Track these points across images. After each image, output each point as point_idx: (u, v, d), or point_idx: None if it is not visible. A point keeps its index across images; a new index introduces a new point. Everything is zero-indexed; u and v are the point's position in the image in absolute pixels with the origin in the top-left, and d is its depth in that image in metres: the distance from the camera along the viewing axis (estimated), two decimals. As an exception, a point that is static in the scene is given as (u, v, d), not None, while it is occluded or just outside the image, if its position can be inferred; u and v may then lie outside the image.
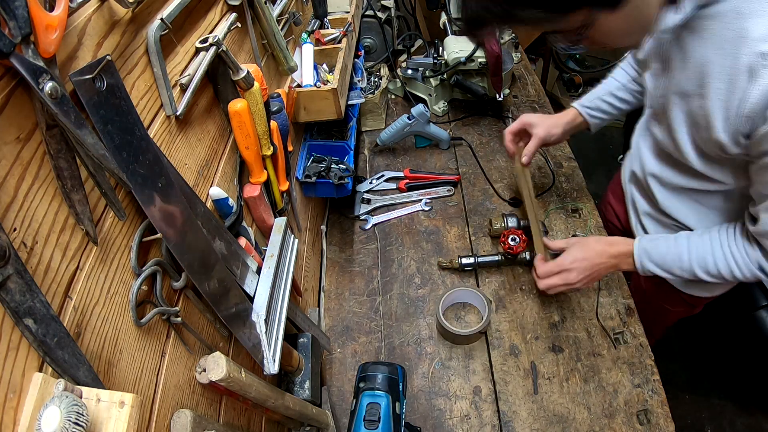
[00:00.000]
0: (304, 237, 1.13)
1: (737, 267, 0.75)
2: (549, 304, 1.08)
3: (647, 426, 0.89)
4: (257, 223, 0.82)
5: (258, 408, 0.66)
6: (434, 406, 0.97)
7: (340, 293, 1.20)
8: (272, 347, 0.65)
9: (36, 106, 0.36)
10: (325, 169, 1.10)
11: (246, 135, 0.69)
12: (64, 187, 0.38)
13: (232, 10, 0.72)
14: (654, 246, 0.85)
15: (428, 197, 1.36)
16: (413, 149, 1.52)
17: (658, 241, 0.85)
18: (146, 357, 0.48)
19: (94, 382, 0.38)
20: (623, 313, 1.05)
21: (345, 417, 0.94)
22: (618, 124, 2.58)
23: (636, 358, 0.97)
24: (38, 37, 0.34)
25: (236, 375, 0.56)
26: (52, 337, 0.35)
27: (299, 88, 1.01)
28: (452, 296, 1.09)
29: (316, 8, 1.26)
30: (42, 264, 0.37)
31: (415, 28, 1.80)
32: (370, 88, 1.55)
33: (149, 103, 0.52)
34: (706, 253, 0.78)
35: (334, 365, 1.06)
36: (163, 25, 0.52)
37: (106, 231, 0.44)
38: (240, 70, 0.66)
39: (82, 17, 0.41)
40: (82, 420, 0.32)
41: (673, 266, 0.82)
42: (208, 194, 0.64)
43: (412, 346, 1.07)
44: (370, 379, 0.82)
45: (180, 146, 0.58)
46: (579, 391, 0.94)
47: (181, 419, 0.51)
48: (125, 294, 0.45)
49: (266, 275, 0.70)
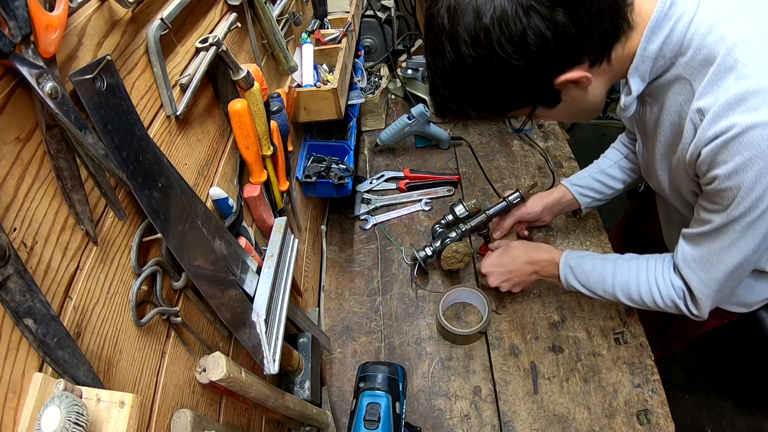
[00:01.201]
0: (304, 237, 1.13)
1: (660, 296, 0.79)
2: (549, 304, 1.08)
3: (647, 426, 0.89)
4: (257, 223, 0.82)
5: (258, 408, 0.66)
6: (434, 406, 0.97)
7: (340, 293, 1.20)
8: (272, 347, 0.65)
9: (36, 106, 0.36)
10: (325, 169, 1.10)
11: (246, 135, 0.69)
12: (64, 187, 0.38)
13: (232, 10, 0.72)
14: (579, 264, 0.88)
15: (428, 197, 1.36)
16: (413, 149, 1.52)
17: (585, 259, 0.88)
18: (146, 357, 0.48)
19: (94, 382, 0.38)
20: (623, 313, 1.05)
21: (345, 417, 0.94)
22: (618, 124, 2.58)
23: (636, 358, 0.97)
24: (38, 37, 0.34)
25: (236, 375, 0.56)
26: (52, 337, 0.35)
27: (299, 88, 1.01)
28: (452, 296, 1.09)
29: (316, 8, 1.26)
30: (42, 264, 0.37)
31: (415, 28, 1.80)
32: (370, 88, 1.55)
33: (149, 103, 0.52)
34: (630, 279, 0.81)
35: (334, 365, 1.06)
36: (163, 25, 0.52)
37: (106, 231, 0.44)
38: (240, 70, 0.66)
39: (82, 17, 0.41)
40: (82, 420, 0.32)
41: (596, 287, 0.86)
42: (208, 194, 0.64)
43: (412, 346, 1.07)
44: (370, 379, 0.82)
45: (180, 146, 0.58)
46: (579, 391, 0.94)
47: (181, 419, 0.51)
48: (125, 294, 0.45)
49: (266, 275, 0.70)
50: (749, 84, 0.55)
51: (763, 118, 0.54)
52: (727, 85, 0.57)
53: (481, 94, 0.65)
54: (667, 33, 0.61)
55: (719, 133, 0.57)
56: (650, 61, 0.63)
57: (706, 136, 0.59)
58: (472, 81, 0.63)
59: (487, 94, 0.65)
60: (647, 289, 0.80)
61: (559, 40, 0.57)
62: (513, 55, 0.57)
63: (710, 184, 0.62)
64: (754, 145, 0.55)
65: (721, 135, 0.57)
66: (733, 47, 0.57)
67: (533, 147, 1.45)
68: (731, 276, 0.70)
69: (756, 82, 0.55)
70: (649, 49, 0.62)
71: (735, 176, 0.58)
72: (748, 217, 0.61)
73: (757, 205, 0.59)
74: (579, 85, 0.63)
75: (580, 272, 0.87)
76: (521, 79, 0.61)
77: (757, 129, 0.54)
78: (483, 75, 0.61)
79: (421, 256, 1.11)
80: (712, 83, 0.58)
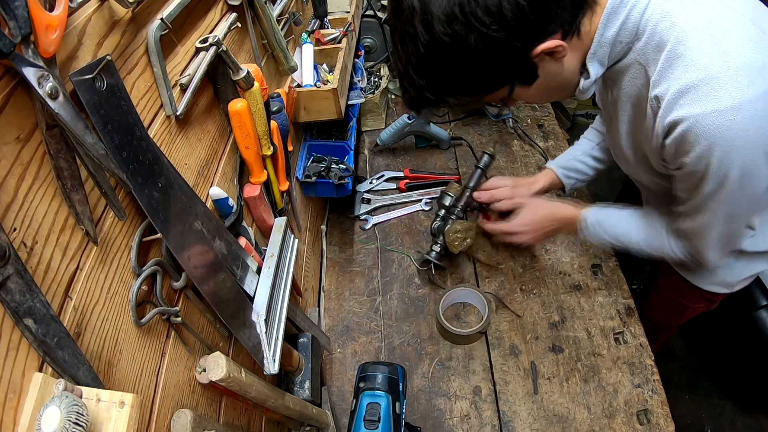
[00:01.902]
0: (304, 237, 1.13)
1: (674, 250, 0.82)
2: (549, 304, 1.08)
3: (647, 426, 0.89)
4: (257, 223, 0.82)
5: (258, 408, 0.66)
6: (434, 406, 0.97)
7: (340, 293, 1.20)
8: (272, 347, 0.65)
9: (36, 106, 0.36)
10: (325, 169, 1.10)
11: (246, 135, 0.69)
12: (64, 187, 0.38)
13: (232, 10, 0.72)
14: (602, 221, 0.92)
15: (428, 197, 1.36)
16: (413, 149, 1.52)
17: (611, 212, 0.92)
18: (146, 357, 0.48)
19: (94, 382, 0.38)
20: (623, 313, 1.05)
21: (345, 417, 0.94)
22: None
23: (636, 358, 0.97)
24: (38, 37, 0.34)
25: (236, 375, 0.56)
26: (52, 337, 0.35)
27: (299, 88, 1.01)
28: (452, 296, 1.09)
29: (316, 8, 1.26)
30: (42, 264, 0.37)
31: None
32: (370, 88, 1.55)
33: (149, 103, 0.52)
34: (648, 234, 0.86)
35: (334, 365, 1.06)
36: (163, 25, 0.51)
37: (106, 231, 0.44)
38: (240, 70, 0.66)
39: (82, 17, 0.41)
40: (82, 420, 0.32)
41: (623, 238, 0.89)
42: (208, 194, 0.64)
43: (412, 346, 1.07)
44: (370, 379, 0.81)
45: (180, 146, 0.58)
46: (579, 391, 0.94)
47: (181, 419, 0.51)
48: (125, 294, 0.45)
49: (266, 275, 0.70)
50: (697, 74, 0.57)
51: (711, 106, 0.56)
52: (678, 75, 0.58)
53: (459, 75, 0.64)
54: (623, 20, 0.62)
55: (674, 124, 0.60)
56: (608, 46, 0.65)
57: (663, 125, 0.61)
58: (449, 62, 0.61)
59: (465, 75, 0.64)
60: (663, 243, 0.83)
61: (534, 7, 0.57)
62: (491, 26, 0.57)
63: (680, 169, 0.65)
64: (708, 134, 0.57)
65: (676, 126, 0.59)
66: (683, 34, 0.58)
67: (533, 147, 1.45)
68: (726, 238, 0.74)
69: (703, 71, 0.56)
70: (606, 35, 0.64)
71: (700, 162, 0.60)
72: (721, 192, 0.63)
73: (724, 182, 0.61)
74: (554, 57, 0.63)
75: (608, 226, 0.91)
76: (499, 53, 0.60)
77: (708, 118, 0.56)
78: (460, 53, 0.60)
79: (433, 257, 1.11)
80: (664, 71, 0.60)
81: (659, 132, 0.63)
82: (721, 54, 0.56)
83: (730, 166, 0.59)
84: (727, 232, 0.73)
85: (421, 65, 0.63)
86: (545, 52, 0.61)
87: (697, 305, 1.06)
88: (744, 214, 0.70)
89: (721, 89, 0.55)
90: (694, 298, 1.03)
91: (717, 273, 0.94)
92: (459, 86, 0.66)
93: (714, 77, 0.56)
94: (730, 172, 0.59)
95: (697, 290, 1.00)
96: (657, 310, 1.14)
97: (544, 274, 1.14)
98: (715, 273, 0.94)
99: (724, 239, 0.74)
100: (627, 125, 0.76)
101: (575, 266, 1.15)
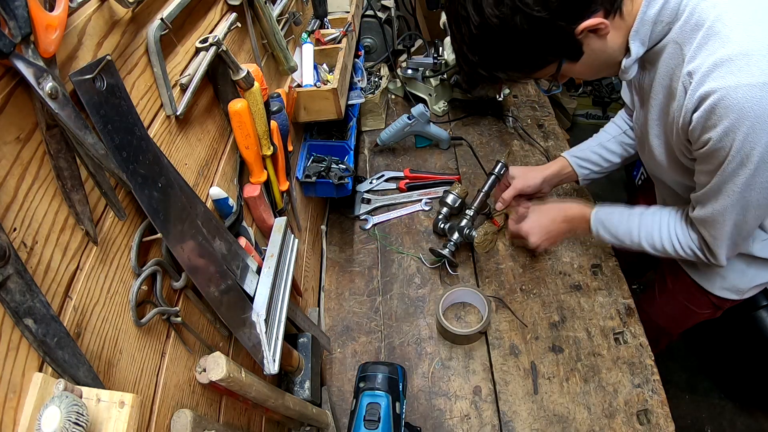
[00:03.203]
0: (304, 237, 1.13)
1: (680, 246, 0.84)
2: (549, 304, 1.08)
3: (647, 426, 0.89)
4: (257, 223, 0.82)
5: (258, 408, 0.66)
6: (434, 406, 0.97)
7: (340, 293, 1.20)
8: (272, 347, 0.65)
9: (36, 106, 0.36)
10: (325, 169, 1.10)
11: (246, 135, 0.69)
12: (64, 187, 0.38)
13: (232, 10, 0.72)
14: (609, 218, 0.94)
15: (428, 197, 1.36)
16: (413, 149, 1.52)
17: (613, 214, 0.94)
18: (146, 357, 0.48)
19: (94, 382, 0.38)
20: (623, 313, 1.05)
21: (345, 417, 0.94)
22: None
23: (636, 358, 0.97)
24: (38, 37, 0.34)
25: (236, 375, 0.56)
26: (52, 337, 0.35)
27: (299, 88, 1.01)
28: (452, 296, 1.09)
29: (316, 8, 1.26)
30: (42, 264, 0.37)
31: (415, 28, 1.80)
32: (370, 88, 1.55)
33: (149, 103, 0.52)
34: (653, 231, 0.87)
35: (334, 365, 1.06)
36: (163, 25, 0.51)
37: (106, 231, 0.44)
38: (240, 70, 0.66)
39: (82, 17, 0.41)
40: (82, 420, 0.32)
41: (624, 238, 0.91)
42: (208, 194, 0.64)
43: (412, 346, 1.07)
44: (370, 379, 0.82)
45: (180, 146, 0.58)
46: (579, 391, 0.94)
47: (181, 419, 0.51)
48: (125, 294, 0.45)
49: (266, 275, 0.70)
50: (732, 48, 0.59)
51: (743, 80, 0.57)
52: (713, 49, 0.60)
53: (508, 53, 0.69)
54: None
55: (705, 96, 0.61)
56: (649, 25, 0.67)
57: (695, 99, 0.62)
58: (499, 41, 0.67)
59: (513, 53, 0.69)
60: (669, 240, 0.84)
61: None
62: (534, 7, 0.62)
63: (704, 147, 0.65)
64: (737, 107, 0.58)
65: (707, 98, 0.60)
66: (723, 13, 0.60)
67: (533, 147, 1.45)
68: (739, 230, 0.74)
69: (739, 46, 0.58)
70: (649, 14, 0.66)
71: (725, 138, 0.61)
72: (741, 174, 0.64)
73: (746, 162, 0.62)
74: (598, 34, 0.67)
75: (610, 225, 0.93)
76: (544, 31, 0.65)
77: (739, 90, 0.57)
78: (508, 33, 0.65)
79: (448, 252, 1.12)
80: (700, 47, 0.62)
81: (689, 107, 0.63)
82: (758, 32, 0.58)
83: (754, 146, 0.60)
84: (741, 224, 0.72)
85: (474, 44, 0.69)
86: (588, 29, 0.65)
87: (703, 311, 1.05)
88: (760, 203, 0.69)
89: (756, 65, 0.57)
90: (702, 303, 1.02)
91: (728, 278, 0.94)
92: (509, 63, 0.71)
93: (749, 53, 0.57)
94: (753, 152, 0.60)
95: (706, 295, 0.99)
96: (661, 313, 1.14)
97: (544, 274, 1.14)
98: (727, 278, 0.93)
99: (736, 232, 0.74)
100: (657, 111, 0.77)
101: (575, 266, 1.15)
